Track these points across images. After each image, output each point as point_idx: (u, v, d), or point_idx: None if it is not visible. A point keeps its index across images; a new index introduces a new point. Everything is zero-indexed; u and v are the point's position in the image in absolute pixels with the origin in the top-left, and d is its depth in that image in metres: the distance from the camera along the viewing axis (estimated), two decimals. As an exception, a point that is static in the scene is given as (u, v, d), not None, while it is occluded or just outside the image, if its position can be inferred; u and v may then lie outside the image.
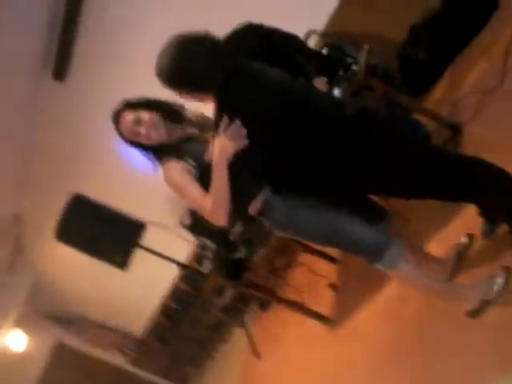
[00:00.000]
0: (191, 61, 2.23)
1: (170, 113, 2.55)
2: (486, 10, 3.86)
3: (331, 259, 4.36)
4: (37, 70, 4.98)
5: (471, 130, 3.24)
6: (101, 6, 4.49)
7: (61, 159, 5.72)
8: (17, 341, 7.42)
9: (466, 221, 2.68)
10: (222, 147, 2.22)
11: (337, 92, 3.38)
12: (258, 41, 3.44)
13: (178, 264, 4.59)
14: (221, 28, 3.40)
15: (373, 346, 3.30)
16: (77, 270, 6.61)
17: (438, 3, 3.98)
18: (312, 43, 3.92)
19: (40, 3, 4.45)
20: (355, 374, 3.38)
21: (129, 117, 2.50)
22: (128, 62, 4.74)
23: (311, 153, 2.27)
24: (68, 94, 5.10)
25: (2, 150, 5.28)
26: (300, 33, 3.66)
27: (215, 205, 2.26)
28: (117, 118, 2.54)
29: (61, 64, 4.85)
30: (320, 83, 3.35)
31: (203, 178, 2.33)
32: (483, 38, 3.80)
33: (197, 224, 4.27)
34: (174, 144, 2.51)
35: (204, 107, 2.44)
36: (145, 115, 2.48)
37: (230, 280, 4.24)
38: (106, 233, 4.19)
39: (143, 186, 5.65)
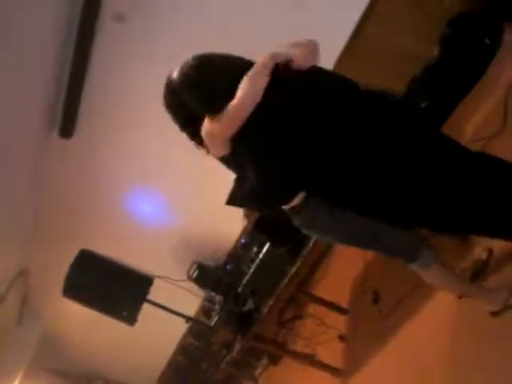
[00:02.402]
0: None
1: None
2: (485, 57, 3.92)
3: (340, 310, 4.32)
4: (43, 128, 5.06)
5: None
6: (107, 64, 4.60)
7: (68, 215, 5.76)
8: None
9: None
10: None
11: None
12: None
13: (186, 318, 4.54)
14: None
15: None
16: (85, 325, 6.56)
17: (437, 52, 4.06)
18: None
19: (46, 60, 4.56)
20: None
21: None
22: (134, 118, 4.82)
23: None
24: (75, 150, 5.18)
25: (9, 206, 5.32)
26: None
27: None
28: None
29: (68, 121, 4.93)
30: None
31: None
32: (483, 84, 3.85)
33: (204, 277, 4.26)
34: None
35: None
36: None
37: (238, 333, 4.19)
38: (113, 288, 4.17)
39: (150, 240, 5.68)
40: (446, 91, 4.02)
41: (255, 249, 4.17)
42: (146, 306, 4.27)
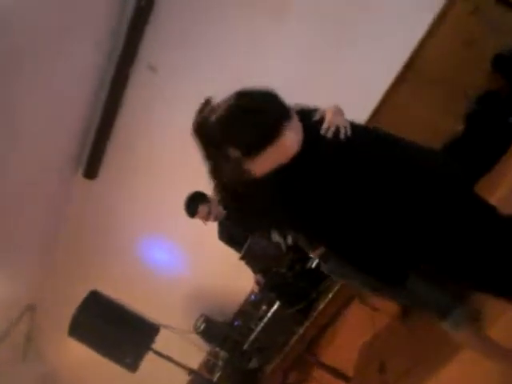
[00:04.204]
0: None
1: None
2: (508, 136, 3.94)
3: (345, 378, 4.23)
4: (69, 166, 5.16)
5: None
6: (136, 112, 4.71)
7: (82, 254, 5.79)
8: None
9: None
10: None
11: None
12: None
13: (188, 370, 4.49)
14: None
15: None
16: (88, 367, 6.49)
17: (461, 127, 4.08)
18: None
19: (78, 104, 4.69)
20: None
21: None
22: (158, 167, 4.89)
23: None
24: (97, 192, 5.25)
25: (24, 243, 5.37)
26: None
27: None
28: None
29: (93, 163, 5.03)
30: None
31: None
32: (505, 161, 3.86)
33: (210, 331, 4.23)
34: None
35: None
36: None
37: (240, 392, 4.13)
38: (119, 333, 4.15)
39: (160, 288, 5.66)
40: (468, 167, 4.02)
41: (264, 307, 4.14)
42: (149, 354, 4.24)
